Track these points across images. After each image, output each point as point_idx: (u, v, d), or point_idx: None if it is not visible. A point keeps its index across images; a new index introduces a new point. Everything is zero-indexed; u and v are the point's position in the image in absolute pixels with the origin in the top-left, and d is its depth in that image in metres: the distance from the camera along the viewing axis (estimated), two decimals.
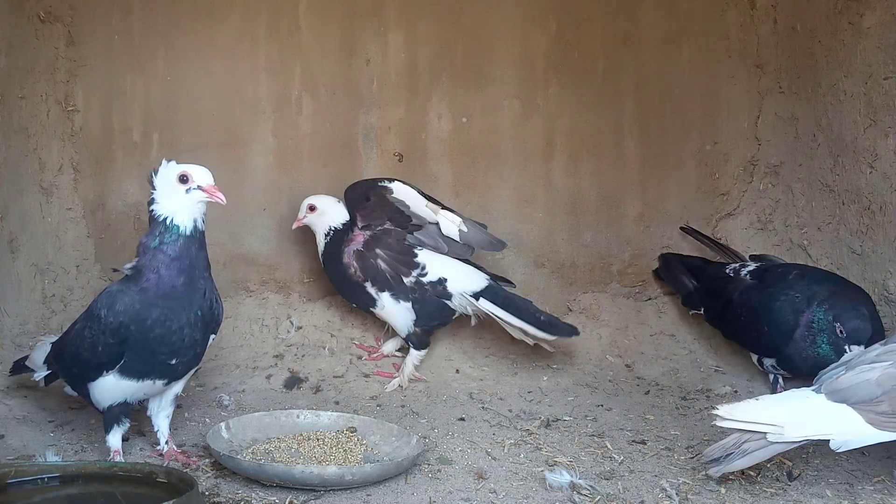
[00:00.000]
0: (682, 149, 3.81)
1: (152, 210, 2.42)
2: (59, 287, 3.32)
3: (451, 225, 3.28)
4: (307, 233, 3.50)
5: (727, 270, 3.41)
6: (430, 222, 3.30)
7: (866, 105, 3.24)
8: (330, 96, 3.60)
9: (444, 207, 3.28)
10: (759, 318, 3.13)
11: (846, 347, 2.79)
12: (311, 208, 3.37)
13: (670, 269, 3.69)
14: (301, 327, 3.51)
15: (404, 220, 3.30)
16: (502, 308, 3.22)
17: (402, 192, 3.27)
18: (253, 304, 3.53)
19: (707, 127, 3.80)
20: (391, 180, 3.28)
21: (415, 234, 3.31)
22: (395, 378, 3.30)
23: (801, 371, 3.05)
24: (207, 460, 2.57)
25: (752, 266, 3.37)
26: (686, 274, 3.62)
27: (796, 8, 3.62)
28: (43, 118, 3.30)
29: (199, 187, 2.41)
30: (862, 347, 2.72)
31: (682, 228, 3.79)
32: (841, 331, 2.83)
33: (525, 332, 3.24)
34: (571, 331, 3.28)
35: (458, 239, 3.30)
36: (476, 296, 3.24)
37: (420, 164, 3.67)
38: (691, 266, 3.63)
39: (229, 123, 3.53)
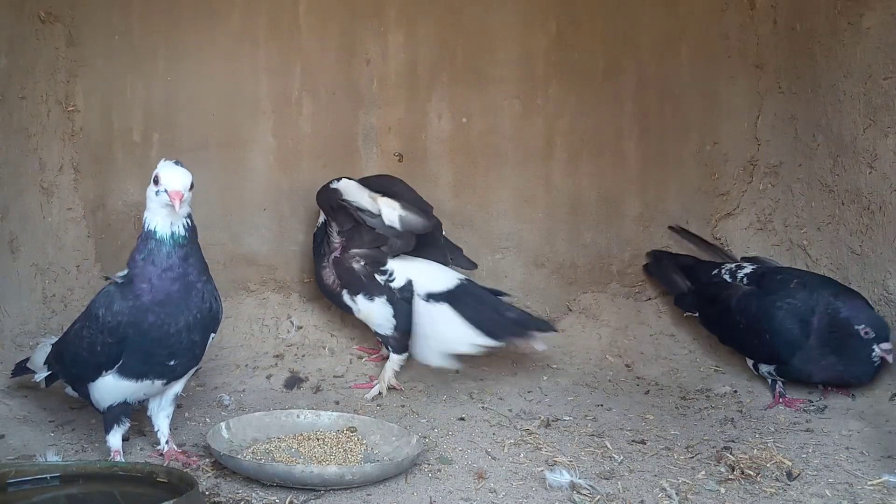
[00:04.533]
0: (682, 149, 3.81)
1: (144, 216, 2.37)
2: (60, 287, 3.32)
3: (391, 212, 3.07)
4: (307, 232, 3.51)
5: (722, 272, 3.39)
6: (375, 215, 3.09)
7: (866, 105, 3.24)
8: (330, 96, 3.60)
9: (383, 195, 3.09)
10: (760, 326, 3.13)
11: (874, 347, 2.88)
12: None
13: (662, 268, 3.67)
14: (301, 327, 3.51)
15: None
16: (458, 312, 3.08)
17: (347, 189, 3.12)
18: (253, 304, 3.54)
19: (707, 127, 3.80)
20: (338, 179, 3.17)
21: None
22: (374, 386, 3.23)
23: (811, 377, 3.08)
24: (208, 460, 2.58)
25: (748, 269, 3.34)
26: (678, 273, 3.60)
27: (796, 8, 3.62)
28: (43, 118, 3.30)
29: (166, 191, 2.28)
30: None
31: (670, 227, 3.78)
32: (866, 332, 2.88)
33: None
34: (547, 327, 3.21)
35: (398, 226, 3.07)
36: (430, 297, 3.13)
37: (420, 165, 3.67)
38: (683, 265, 3.61)
39: (229, 123, 3.53)
